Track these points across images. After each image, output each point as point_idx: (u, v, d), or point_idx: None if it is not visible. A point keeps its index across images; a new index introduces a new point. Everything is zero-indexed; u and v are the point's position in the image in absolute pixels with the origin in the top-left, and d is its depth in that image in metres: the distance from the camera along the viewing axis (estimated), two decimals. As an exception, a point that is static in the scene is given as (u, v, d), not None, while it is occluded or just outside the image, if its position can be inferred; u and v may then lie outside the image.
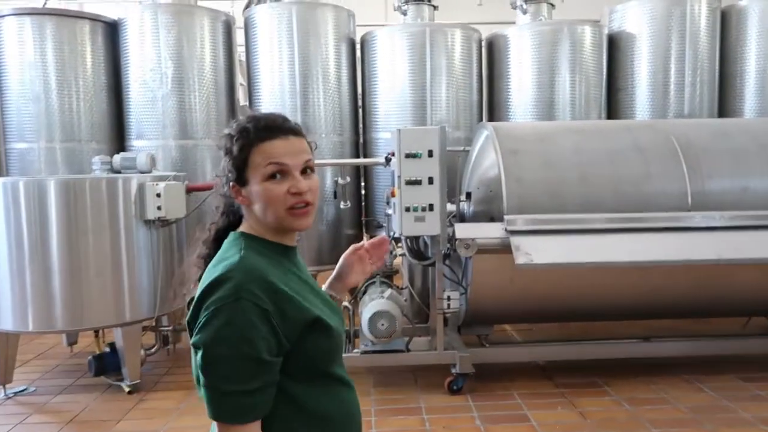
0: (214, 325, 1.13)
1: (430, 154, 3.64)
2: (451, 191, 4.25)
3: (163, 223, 4.10)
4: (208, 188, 4.61)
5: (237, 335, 1.12)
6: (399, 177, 3.66)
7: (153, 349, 4.41)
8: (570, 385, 4.05)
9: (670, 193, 3.83)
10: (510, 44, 5.90)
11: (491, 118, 6.01)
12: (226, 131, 1.30)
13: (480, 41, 6.04)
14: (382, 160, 4.17)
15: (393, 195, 3.79)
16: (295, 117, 5.56)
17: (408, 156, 3.65)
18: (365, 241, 1.60)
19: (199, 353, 1.14)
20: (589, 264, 3.54)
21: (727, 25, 5.94)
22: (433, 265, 3.98)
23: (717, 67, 5.90)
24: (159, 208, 3.98)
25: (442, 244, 3.75)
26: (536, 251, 3.51)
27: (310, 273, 1.41)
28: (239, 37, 6.04)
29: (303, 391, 1.23)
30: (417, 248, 4.12)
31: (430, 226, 3.68)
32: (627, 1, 6.14)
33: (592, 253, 3.57)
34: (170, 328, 4.44)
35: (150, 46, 5.52)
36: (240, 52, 6.33)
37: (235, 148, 1.26)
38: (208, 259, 1.32)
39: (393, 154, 3.76)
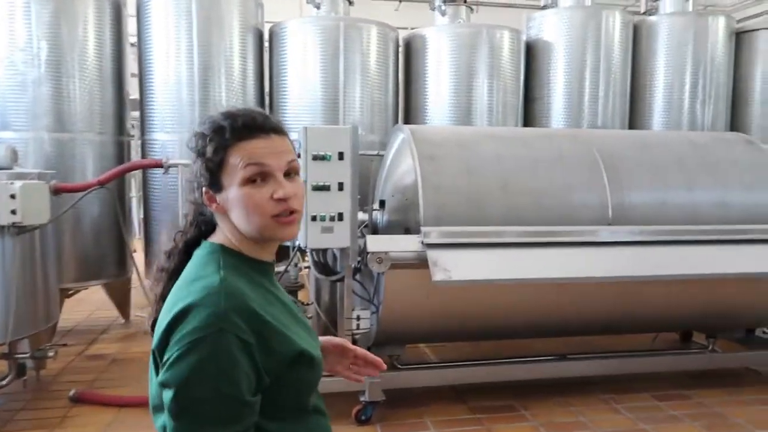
0: (190, 361, 0.99)
1: (341, 156, 3.24)
2: (364, 199, 3.88)
3: (20, 229, 3.41)
4: (83, 189, 3.96)
5: (218, 373, 0.99)
6: (305, 182, 3.22)
7: (5, 381, 3.68)
8: (486, 409, 3.78)
9: (591, 205, 3.66)
10: (428, 45, 5.65)
11: (407, 122, 5.72)
12: (198, 129, 1.16)
13: (397, 41, 5.75)
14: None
15: (298, 202, 3.35)
16: (193, 112, 5.10)
17: (316, 158, 3.23)
18: (362, 350, 1.44)
19: (170, 393, 0.99)
20: (510, 281, 3.28)
21: (638, 39, 6.02)
22: (341, 280, 3.58)
23: (629, 80, 5.94)
24: (14, 212, 3.30)
25: (352, 258, 3.35)
26: (455, 267, 3.20)
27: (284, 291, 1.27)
28: (134, 24, 5.39)
29: (278, 429, 1.11)
30: (324, 261, 3.71)
31: (339, 238, 3.27)
32: (544, 9, 6.09)
33: (514, 269, 3.31)
34: (27, 354, 3.73)
35: (20, 21, 4.76)
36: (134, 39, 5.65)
37: (209, 149, 1.12)
38: (173, 273, 1.17)
39: (299, 156, 3.32)
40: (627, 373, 4.17)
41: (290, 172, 1.16)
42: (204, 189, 1.15)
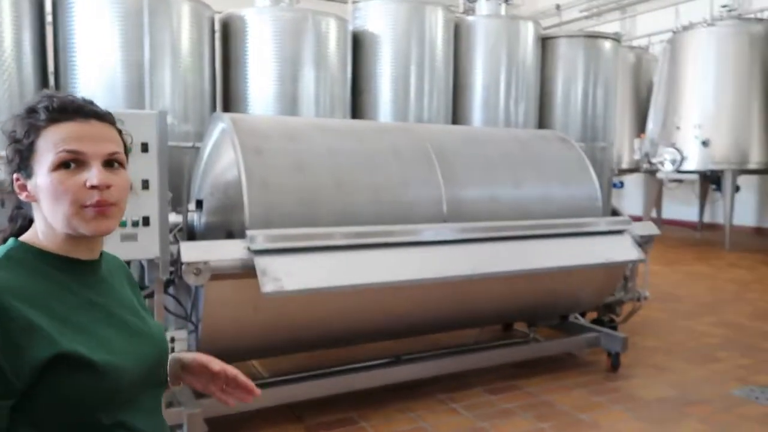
0: None
1: (145, 148, 2.66)
2: (177, 198, 3.31)
3: None
4: None
5: None
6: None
7: None
8: (324, 426, 3.47)
9: (427, 201, 3.53)
10: (248, 28, 5.14)
11: (227, 111, 5.16)
12: (15, 112, 1.09)
13: (212, 21, 5.15)
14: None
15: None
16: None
17: (111, 149, 2.60)
18: (232, 371, 1.34)
19: None
20: (347, 287, 2.98)
21: (459, 39, 6.14)
22: (150, 296, 2.99)
23: (452, 76, 6.04)
24: None
25: (163, 270, 2.79)
26: (287, 275, 2.82)
27: (131, 292, 1.24)
28: None
29: None
30: (128, 275, 3.08)
31: (146, 247, 2.69)
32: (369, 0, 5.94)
33: (351, 273, 3.02)
34: None
35: None
36: None
37: (19, 131, 1.05)
38: None
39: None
40: (461, 371, 4.16)
41: (112, 163, 1.07)
42: (15, 176, 1.07)
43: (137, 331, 1.15)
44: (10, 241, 1.10)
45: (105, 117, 1.11)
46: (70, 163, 1.03)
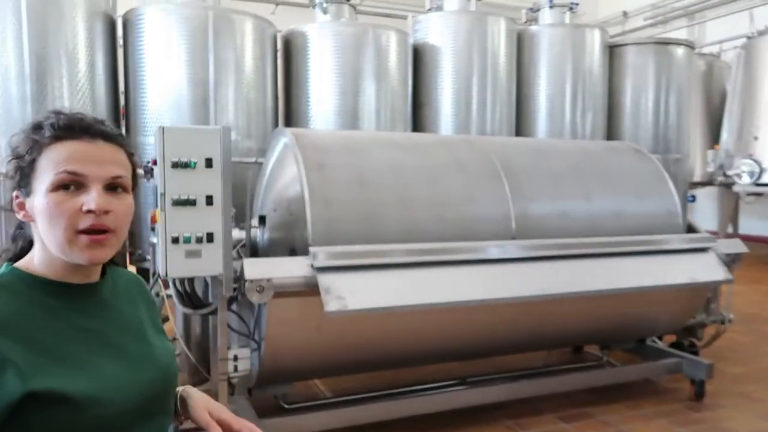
0: None
1: (209, 163, 2.64)
2: (240, 214, 3.29)
3: None
4: None
5: None
6: (162, 195, 2.58)
7: None
8: (387, 450, 3.35)
9: (494, 217, 3.37)
10: (310, 44, 5.16)
11: (288, 126, 5.17)
12: (22, 128, 1.04)
13: (275, 38, 5.19)
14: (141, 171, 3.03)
15: (154, 220, 2.69)
16: (24, 108, 4.14)
17: (176, 165, 2.59)
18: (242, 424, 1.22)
19: None
20: (414, 307, 2.86)
21: (522, 49, 5.97)
22: (214, 313, 2.96)
23: (514, 88, 5.86)
24: None
25: (227, 287, 2.75)
26: (351, 293, 2.72)
27: (144, 312, 1.17)
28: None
29: None
30: (190, 291, 3.06)
31: (209, 264, 2.66)
32: (429, 12, 5.86)
33: (417, 293, 2.90)
34: None
35: None
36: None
37: (21, 147, 1.01)
38: None
39: (155, 163, 2.67)
40: (530, 396, 3.94)
41: (116, 187, 1.02)
42: (14, 193, 1.04)
43: (136, 358, 1.09)
44: (4, 266, 1.06)
45: (114, 138, 1.06)
46: (69, 184, 0.99)
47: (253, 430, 1.21)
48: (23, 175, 1.02)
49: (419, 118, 5.64)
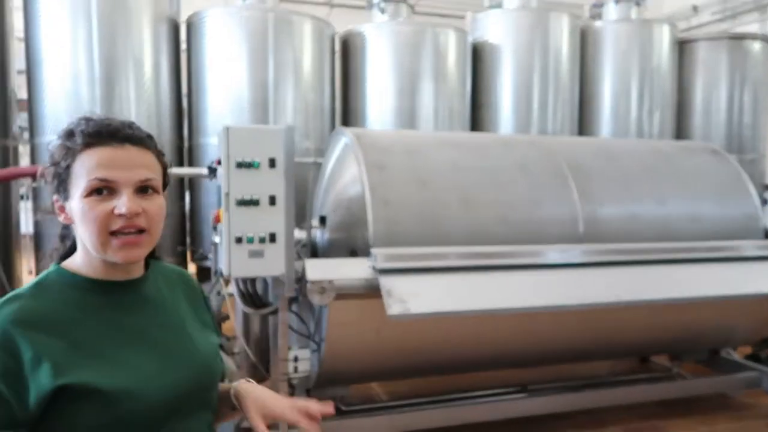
0: None
1: (272, 163, 2.64)
2: (300, 214, 3.29)
3: None
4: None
5: None
6: (227, 195, 2.59)
7: None
8: (445, 457, 3.27)
9: (561, 219, 3.24)
10: (367, 44, 5.14)
11: (345, 127, 5.16)
12: (59, 133, 1.08)
13: (333, 38, 5.20)
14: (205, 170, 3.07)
15: (218, 220, 2.71)
16: (94, 109, 4.28)
17: (240, 165, 2.60)
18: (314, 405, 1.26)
19: None
20: (477, 312, 2.77)
21: (585, 46, 5.77)
22: (274, 313, 2.96)
23: (577, 86, 5.67)
24: None
25: (288, 288, 2.74)
26: (413, 297, 2.66)
27: (189, 308, 1.20)
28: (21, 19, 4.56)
29: None
30: (252, 290, 3.07)
31: (272, 264, 2.65)
32: (488, 10, 5.74)
33: (480, 297, 2.81)
34: None
35: None
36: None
37: (56, 154, 1.07)
38: None
39: (219, 163, 2.69)
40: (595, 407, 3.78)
41: (146, 189, 1.07)
42: (54, 197, 1.10)
43: (174, 354, 1.12)
44: (52, 266, 1.12)
45: (142, 141, 1.09)
46: (102, 189, 1.03)
47: (286, 417, 1.22)
48: (60, 181, 1.07)
49: (478, 118, 5.53)
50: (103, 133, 1.05)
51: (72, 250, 1.14)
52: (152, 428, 1.05)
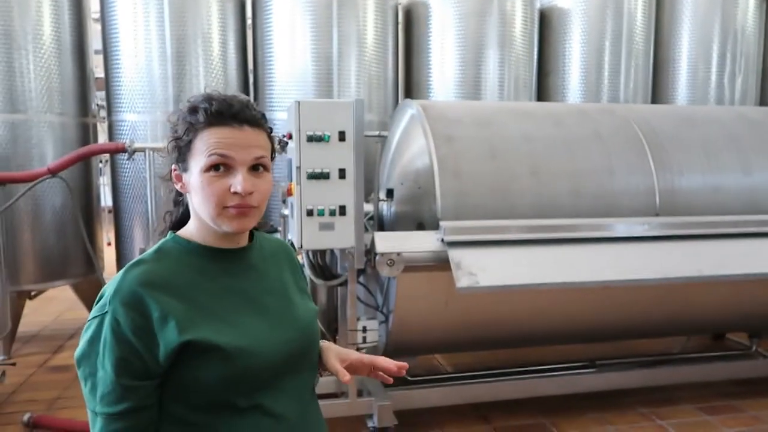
0: (83, 340, 1.09)
1: (342, 137, 2.66)
2: (367, 187, 3.31)
3: (-51, 229, 2.81)
4: (31, 178, 3.35)
5: (97, 355, 1.06)
6: (298, 168, 2.64)
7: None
8: (513, 429, 3.26)
9: (636, 191, 3.12)
10: (431, 14, 5.04)
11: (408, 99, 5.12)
12: (181, 106, 1.18)
13: (396, 9, 5.13)
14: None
15: (290, 193, 2.76)
16: (166, 87, 4.42)
17: (311, 139, 2.63)
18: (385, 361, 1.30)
19: None
20: (548, 285, 2.72)
21: (661, 8, 5.45)
22: (343, 285, 3.01)
23: (652, 51, 5.39)
24: (-61, 208, 2.69)
25: (358, 260, 2.78)
26: (482, 270, 2.64)
27: (290, 276, 1.28)
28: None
29: (206, 422, 1.10)
30: (323, 262, 3.13)
31: (342, 237, 2.70)
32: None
33: (551, 271, 2.76)
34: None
35: (-42, -17, 4.10)
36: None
37: (180, 128, 1.15)
38: None
39: (290, 137, 2.73)
40: (667, 384, 3.67)
41: (258, 167, 1.14)
42: (173, 167, 1.17)
43: (281, 317, 1.19)
44: (169, 234, 1.21)
45: (257, 122, 1.16)
46: (219, 166, 1.10)
47: (377, 362, 1.29)
48: (180, 153, 1.15)
49: (544, 87, 5.36)
50: (225, 114, 1.12)
51: (183, 215, 1.23)
52: (264, 386, 1.13)
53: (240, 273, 1.19)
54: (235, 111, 1.12)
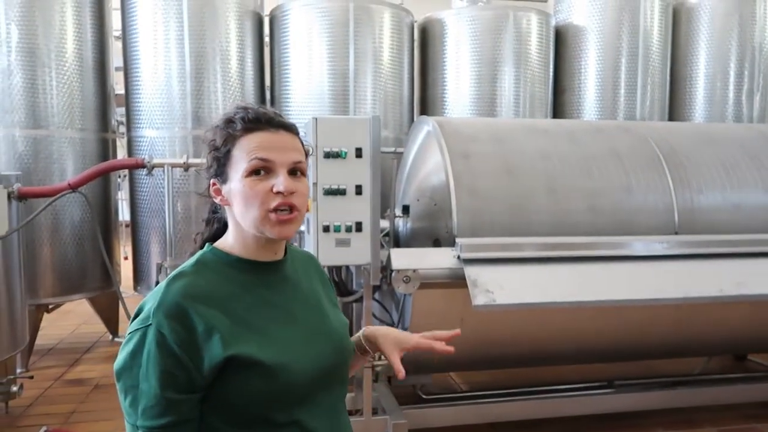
0: (124, 352, 1.08)
1: (359, 153, 2.67)
2: (383, 203, 3.31)
3: (-28, 243, 2.85)
4: (52, 193, 3.40)
5: (139, 368, 1.06)
6: (315, 184, 2.65)
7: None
8: (529, 450, 3.22)
9: (654, 210, 3.09)
10: (447, 31, 5.08)
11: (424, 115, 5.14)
12: (214, 123, 1.19)
13: (412, 26, 5.17)
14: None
15: (307, 209, 2.77)
16: (185, 103, 4.46)
17: (328, 155, 2.65)
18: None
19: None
20: (568, 304, 2.70)
21: (677, 25, 5.45)
22: (359, 301, 3.01)
23: (668, 69, 5.37)
24: (-37, 222, 2.74)
25: (374, 276, 2.78)
26: (499, 287, 2.62)
27: (320, 287, 1.29)
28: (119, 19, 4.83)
29: None
30: (339, 278, 3.13)
31: (358, 253, 2.70)
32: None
33: (568, 289, 2.73)
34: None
35: (-14, 2, 4.21)
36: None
37: (218, 140, 1.15)
38: None
39: (309, 154, 2.75)
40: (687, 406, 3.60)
41: (296, 171, 1.15)
42: (211, 180, 1.18)
43: (316, 330, 1.19)
44: (206, 246, 1.20)
45: (291, 128, 1.18)
46: (260, 170, 1.11)
47: (436, 335, 1.35)
48: (219, 165, 1.15)
49: (560, 104, 5.36)
50: (261, 119, 1.14)
51: (217, 233, 1.23)
52: (301, 401, 1.13)
53: (277, 285, 1.19)
54: (270, 117, 1.15)
